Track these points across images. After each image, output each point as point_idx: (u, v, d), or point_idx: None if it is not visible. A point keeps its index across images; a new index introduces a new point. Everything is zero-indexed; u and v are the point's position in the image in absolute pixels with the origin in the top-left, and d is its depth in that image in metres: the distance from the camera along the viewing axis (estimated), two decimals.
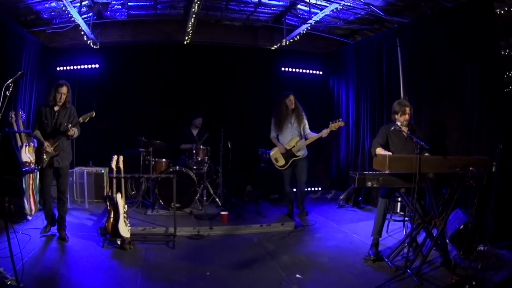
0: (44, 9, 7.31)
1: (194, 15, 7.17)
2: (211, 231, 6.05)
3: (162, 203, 6.89)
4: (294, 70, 9.75)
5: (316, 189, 9.48)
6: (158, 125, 7.54)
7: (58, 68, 8.61)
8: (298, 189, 7.06)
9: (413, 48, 6.81)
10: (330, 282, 4.41)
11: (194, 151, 7.29)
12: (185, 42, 8.69)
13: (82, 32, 7.64)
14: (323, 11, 6.99)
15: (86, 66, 8.76)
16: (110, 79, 8.78)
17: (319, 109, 9.34)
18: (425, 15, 6.60)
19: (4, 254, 3.87)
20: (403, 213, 6.40)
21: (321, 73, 9.94)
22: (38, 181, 6.52)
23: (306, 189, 7.55)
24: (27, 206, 6.38)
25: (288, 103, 6.80)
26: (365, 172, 4.67)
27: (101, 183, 7.79)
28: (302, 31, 7.98)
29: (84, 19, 7.25)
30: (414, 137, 4.52)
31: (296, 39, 8.39)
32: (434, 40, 6.24)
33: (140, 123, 8.16)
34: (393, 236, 5.92)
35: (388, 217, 5.68)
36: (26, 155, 6.46)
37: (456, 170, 4.32)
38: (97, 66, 8.79)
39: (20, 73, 3.87)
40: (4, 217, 5.28)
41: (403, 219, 5.94)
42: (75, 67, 8.71)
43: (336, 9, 6.71)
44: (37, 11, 7.35)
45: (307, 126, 6.88)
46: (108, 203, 5.38)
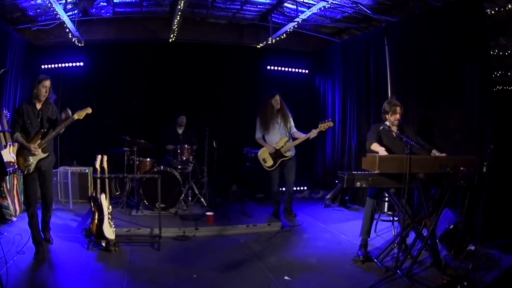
0: (30, 6, 7.16)
1: (180, 13, 7.04)
2: (196, 232, 5.95)
3: (147, 203, 6.76)
4: (280, 68, 9.68)
5: (302, 188, 9.44)
6: (143, 124, 7.39)
7: (43, 66, 8.40)
8: (286, 190, 6.99)
9: (401, 47, 6.78)
10: (319, 284, 4.34)
11: (179, 151, 7.20)
12: (170, 40, 8.57)
13: (67, 30, 7.49)
14: (310, 9, 6.92)
15: (70, 64, 8.58)
16: (94, 77, 8.60)
17: (304, 108, 9.24)
18: (414, 14, 6.58)
19: None
20: (391, 212, 6.38)
21: (307, 71, 9.88)
22: (23, 189, 5.86)
23: (296, 189, 7.49)
24: (11, 207, 6.18)
25: (274, 103, 6.71)
26: (354, 172, 4.59)
27: (86, 183, 7.66)
28: (289, 29, 7.90)
29: (69, 16, 7.13)
30: (404, 137, 4.47)
31: (283, 37, 8.30)
32: (423, 39, 6.22)
33: (125, 122, 8.01)
34: (381, 236, 5.89)
35: (376, 217, 5.64)
36: (10, 154, 6.22)
37: (447, 170, 4.29)
38: (82, 64, 8.63)
39: (3, 70, 3.71)
40: None
41: (392, 219, 5.90)
42: (60, 65, 8.52)
43: (324, 7, 6.64)
44: (23, 8, 7.20)
45: (293, 124, 6.82)
46: (92, 204, 5.23)
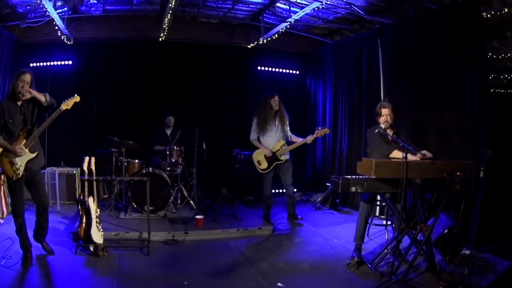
0: (20, 3, 7.02)
1: (170, 11, 6.90)
2: (186, 236, 5.82)
3: (135, 206, 6.60)
4: (271, 69, 9.59)
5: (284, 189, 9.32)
6: (131, 124, 7.23)
7: (31, 65, 8.20)
8: (286, 194, 6.88)
9: (395, 49, 6.74)
10: None
11: (168, 152, 7.05)
12: (160, 39, 8.43)
13: (57, 27, 7.35)
14: (303, 9, 6.83)
15: (59, 63, 8.42)
16: (83, 76, 8.42)
17: (295, 109, 9.10)
18: (408, 16, 6.54)
19: None
20: (383, 216, 6.32)
21: (297, 72, 9.81)
22: (10, 198, 5.27)
23: (281, 191, 7.38)
24: None
25: (273, 103, 6.61)
26: (348, 176, 4.51)
27: (73, 184, 7.48)
28: (281, 30, 7.80)
29: (59, 14, 6.99)
30: (401, 142, 4.41)
31: (274, 37, 8.22)
32: (417, 41, 6.18)
33: (113, 122, 7.84)
34: (374, 240, 5.83)
35: (369, 221, 5.56)
36: None
37: (444, 175, 4.23)
38: (70, 62, 8.46)
39: None
40: None
41: (385, 223, 5.85)
42: (48, 63, 8.35)
43: (318, 7, 6.55)
44: (12, 5, 7.06)
45: (288, 128, 6.72)
46: (80, 207, 5.07)
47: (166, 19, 7.28)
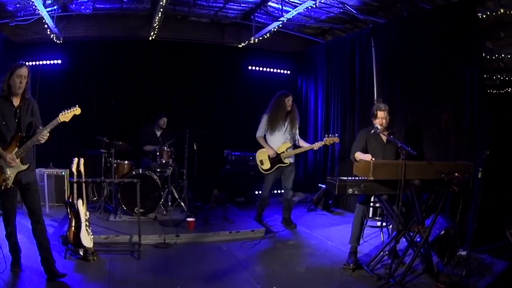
0: (10, 0, 6.87)
1: (161, 9, 6.77)
2: (177, 239, 5.70)
3: (125, 208, 6.45)
4: (261, 69, 9.50)
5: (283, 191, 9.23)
6: (121, 125, 7.08)
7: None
8: (284, 197, 6.75)
9: (388, 48, 6.69)
10: None
11: (158, 153, 6.89)
12: (150, 38, 8.31)
13: (46, 26, 7.21)
14: (296, 8, 6.75)
15: (48, 62, 8.23)
16: (72, 76, 8.24)
17: None
18: (403, 16, 6.49)
19: None
20: (379, 218, 6.26)
21: (289, 72, 9.73)
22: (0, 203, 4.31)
23: (273, 192, 7.29)
24: None
25: (287, 103, 6.42)
26: (344, 178, 4.43)
27: (62, 186, 7.29)
28: (273, 29, 7.71)
29: (48, 12, 6.87)
30: (399, 142, 4.34)
31: (266, 37, 8.13)
32: (411, 41, 6.14)
33: (102, 123, 7.67)
34: (368, 242, 5.77)
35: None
36: None
37: (442, 177, 4.18)
38: (59, 62, 8.27)
39: None
40: None
41: (381, 224, 5.78)
42: (38, 62, 8.15)
43: (311, 6, 6.47)
44: (2, 3, 6.92)
45: (297, 131, 6.57)
46: (69, 210, 4.89)
47: (157, 17, 7.14)
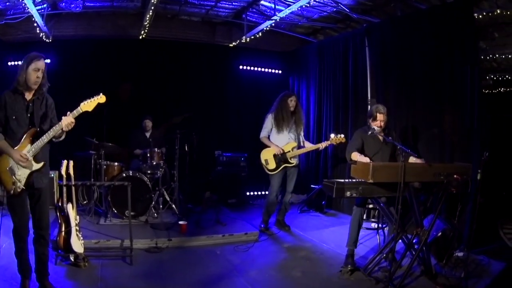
0: None
1: (152, 7, 6.63)
2: (169, 243, 5.56)
3: (115, 211, 6.30)
4: (252, 68, 9.41)
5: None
6: (110, 125, 6.91)
7: (10, 63, 7.87)
8: (282, 199, 6.60)
9: (383, 48, 6.63)
10: None
11: (149, 155, 6.77)
12: (140, 37, 8.17)
13: (35, 24, 7.07)
14: (289, 7, 6.64)
15: None
16: (61, 75, 7.98)
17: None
18: (397, 15, 6.44)
19: None
20: (374, 220, 6.20)
21: (280, 72, 9.65)
22: (10, 214, 3.69)
23: (264, 193, 7.18)
24: None
25: (290, 103, 6.27)
26: (342, 180, 4.36)
27: (51, 189, 6.95)
28: (265, 28, 7.60)
29: (38, 10, 6.70)
30: (398, 144, 4.27)
31: (258, 36, 8.02)
32: (406, 41, 6.09)
33: (91, 123, 7.43)
34: (364, 244, 5.67)
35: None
36: None
37: (441, 178, 4.11)
38: (49, 61, 7.97)
39: None
40: None
41: (377, 226, 5.71)
42: None
43: (305, 5, 6.38)
44: None
45: (302, 132, 6.44)
46: (58, 215, 4.73)
47: (148, 15, 7.00)
